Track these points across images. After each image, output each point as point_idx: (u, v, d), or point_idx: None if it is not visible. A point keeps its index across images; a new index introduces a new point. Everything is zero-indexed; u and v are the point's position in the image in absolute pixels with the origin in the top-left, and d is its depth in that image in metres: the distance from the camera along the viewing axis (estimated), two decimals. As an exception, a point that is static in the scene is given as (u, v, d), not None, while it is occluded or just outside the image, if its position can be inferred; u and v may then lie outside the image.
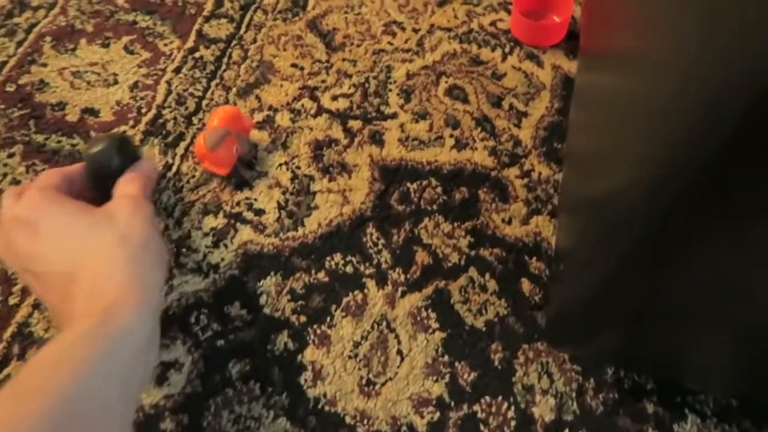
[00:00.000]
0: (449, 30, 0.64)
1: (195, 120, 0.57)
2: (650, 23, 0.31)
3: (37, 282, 0.38)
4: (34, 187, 0.40)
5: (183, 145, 0.55)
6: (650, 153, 0.26)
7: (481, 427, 0.42)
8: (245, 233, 0.51)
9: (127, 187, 0.42)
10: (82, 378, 0.31)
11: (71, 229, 0.38)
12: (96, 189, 0.44)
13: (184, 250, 0.50)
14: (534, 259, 0.50)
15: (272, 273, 0.49)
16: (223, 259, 0.49)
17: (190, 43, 0.62)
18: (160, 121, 0.57)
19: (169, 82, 0.59)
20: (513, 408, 0.43)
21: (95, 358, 0.32)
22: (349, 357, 0.45)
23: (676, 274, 0.30)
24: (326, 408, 0.43)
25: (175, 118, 0.57)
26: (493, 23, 0.64)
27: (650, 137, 0.27)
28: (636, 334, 0.38)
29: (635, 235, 0.28)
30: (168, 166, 0.54)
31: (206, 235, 0.51)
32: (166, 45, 0.62)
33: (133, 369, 0.34)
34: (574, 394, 0.44)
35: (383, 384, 0.44)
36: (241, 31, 0.64)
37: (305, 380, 0.44)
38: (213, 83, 0.60)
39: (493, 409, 0.43)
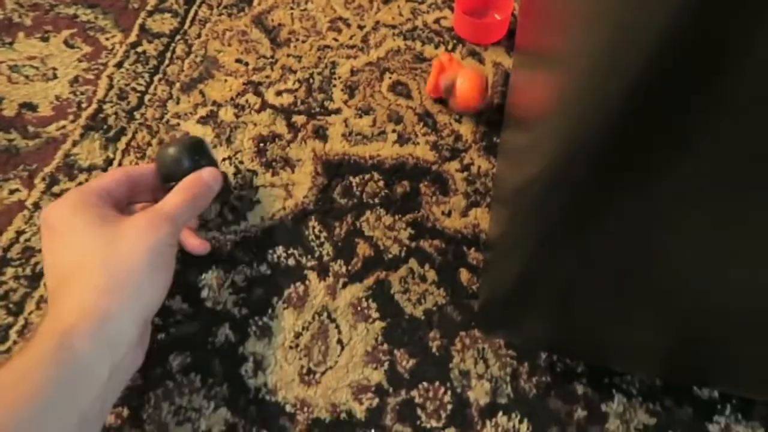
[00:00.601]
0: (394, 27, 0.65)
1: (137, 115, 0.57)
2: (564, 22, 0.32)
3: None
4: (77, 188, 0.41)
5: (124, 140, 0.55)
6: (557, 142, 0.28)
7: (419, 411, 0.44)
8: (187, 228, 0.51)
9: (169, 199, 0.41)
10: (37, 407, 0.31)
11: (76, 239, 0.37)
12: (165, 190, 0.43)
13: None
14: (472, 249, 0.51)
15: (214, 267, 0.49)
16: (164, 254, 0.49)
17: (132, 38, 0.62)
18: (101, 116, 0.56)
19: (110, 77, 0.59)
20: (449, 392, 0.45)
21: (50, 387, 0.31)
22: (290, 347, 0.46)
23: (589, 256, 0.32)
24: (267, 397, 0.44)
25: (116, 113, 0.57)
26: (437, 21, 0.66)
27: (560, 126, 0.28)
28: (561, 319, 0.40)
29: (548, 220, 0.30)
30: (109, 161, 0.54)
31: (147, 229, 0.50)
32: (107, 39, 0.62)
33: (91, 399, 0.33)
34: (508, 378, 0.46)
35: (323, 373, 0.45)
36: (186, 26, 0.64)
37: (246, 371, 0.45)
38: (156, 78, 0.59)
39: (431, 394, 0.44)
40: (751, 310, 0.34)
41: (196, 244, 0.47)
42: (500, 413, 0.44)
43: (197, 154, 0.46)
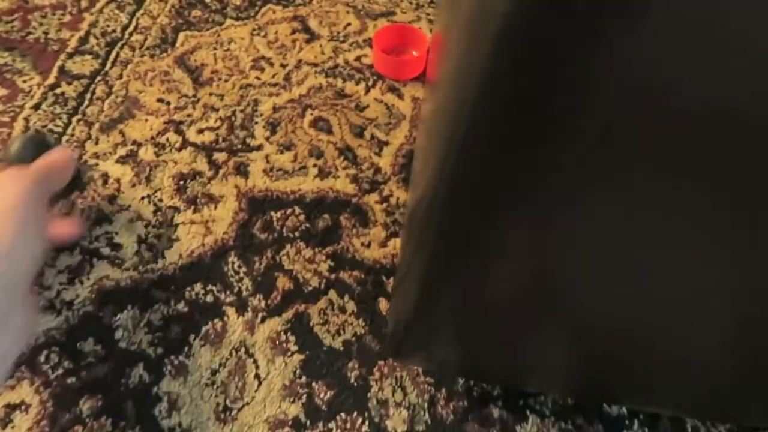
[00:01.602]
0: (316, 65, 0.67)
1: (54, 156, 0.56)
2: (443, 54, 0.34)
3: None
4: None
5: (39, 181, 0.54)
6: (437, 164, 0.29)
7: (336, 443, 0.44)
8: (102, 269, 0.50)
9: (29, 167, 0.41)
10: None
11: None
12: None
13: (36, 288, 0.49)
14: (391, 279, 0.52)
15: (129, 307, 0.48)
16: (77, 296, 0.49)
17: (51, 80, 0.62)
18: (16, 158, 0.56)
19: (27, 119, 0.58)
20: (367, 422, 0.45)
21: None
22: (206, 385, 0.45)
23: (481, 276, 0.33)
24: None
25: (32, 155, 0.56)
26: (357, 59, 0.68)
27: (439, 151, 0.30)
28: (467, 342, 0.41)
29: (435, 240, 0.31)
30: (22, 204, 0.53)
31: (60, 272, 0.50)
32: (25, 81, 0.61)
33: None
34: (426, 405, 0.46)
35: (240, 409, 0.45)
36: (107, 67, 0.64)
37: (160, 411, 0.44)
38: (74, 119, 0.59)
39: (348, 425, 0.45)
40: (650, 331, 0.36)
41: (66, 227, 0.45)
42: (418, 440, 0.45)
43: (43, 147, 0.46)
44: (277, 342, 0.48)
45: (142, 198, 0.55)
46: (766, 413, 0.44)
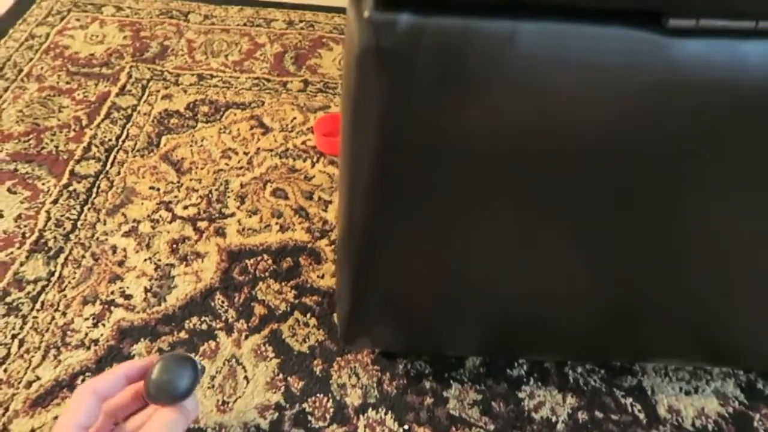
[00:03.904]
0: (271, 150, 0.86)
1: (72, 236, 0.72)
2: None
3: None
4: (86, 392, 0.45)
5: (63, 256, 0.70)
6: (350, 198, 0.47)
7: (309, 417, 0.58)
8: (119, 313, 0.65)
9: (156, 426, 0.45)
10: None
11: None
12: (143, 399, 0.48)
13: (68, 332, 0.63)
14: (342, 299, 0.69)
15: (142, 339, 0.63)
16: (102, 335, 0.63)
17: (64, 180, 0.79)
18: (42, 240, 0.72)
19: (48, 211, 0.75)
20: (331, 401, 0.60)
21: None
22: (208, 387, 0.60)
23: (390, 279, 0.50)
24: (191, 425, 0.57)
25: (54, 237, 0.72)
26: (303, 142, 0.87)
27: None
28: (395, 325, 0.57)
29: (354, 250, 0.48)
30: (51, 273, 0.69)
31: (86, 319, 0.65)
32: (44, 184, 0.78)
33: None
34: (375, 384, 0.62)
35: (234, 401, 0.59)
36: (107, 168, 0.81)
37: (174, 410, 0.58)
38: (86, 208, 0.76)
39: (317, 404, 0.59)
40: (537, 296, 0.52)
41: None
42: (370, 409, 0.59)
43: (186, 378, 0.47)
44: (259, 352, 0.63)
45: (145, 260, 0.71)
46: (623, 351, 0.60)
